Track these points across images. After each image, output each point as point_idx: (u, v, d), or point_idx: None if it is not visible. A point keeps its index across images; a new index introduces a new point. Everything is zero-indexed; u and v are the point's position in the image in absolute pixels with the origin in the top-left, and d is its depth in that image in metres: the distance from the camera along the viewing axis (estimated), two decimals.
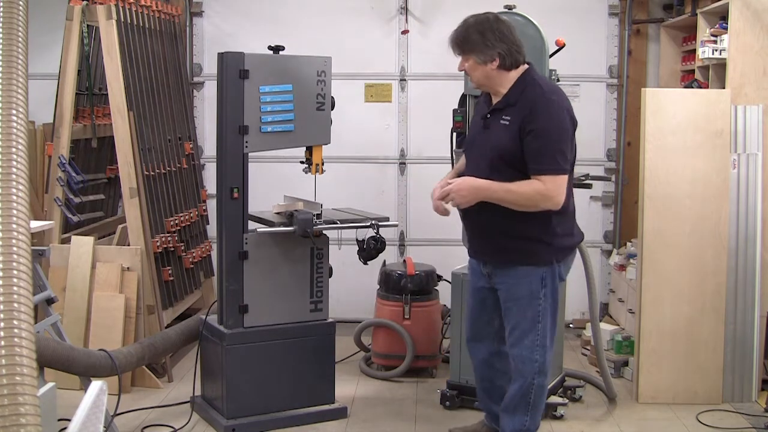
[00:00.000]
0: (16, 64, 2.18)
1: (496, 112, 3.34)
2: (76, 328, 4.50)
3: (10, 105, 2.12)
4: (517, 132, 3.21)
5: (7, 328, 1.81)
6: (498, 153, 3.27)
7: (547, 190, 3.17)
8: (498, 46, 3.26)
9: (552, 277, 3.35)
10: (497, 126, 3.31)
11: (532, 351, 3.37)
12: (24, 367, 1.78)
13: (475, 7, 4.72)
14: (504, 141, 3.25)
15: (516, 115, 3.23)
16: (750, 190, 4.51)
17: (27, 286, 1.92)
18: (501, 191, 3.21)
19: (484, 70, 3.30)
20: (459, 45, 3.33)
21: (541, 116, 3.19)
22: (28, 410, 1.73)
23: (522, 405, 3.42)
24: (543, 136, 3.17)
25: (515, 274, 3.35)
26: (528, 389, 3.39)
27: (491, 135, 3.34)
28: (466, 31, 3.30)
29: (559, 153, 3.19)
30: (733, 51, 4.57)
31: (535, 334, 3.36)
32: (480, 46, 3.27)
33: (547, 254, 3.33)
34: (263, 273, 4.11)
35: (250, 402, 4.09)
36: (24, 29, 2.25)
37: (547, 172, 3.18)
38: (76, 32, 4.75)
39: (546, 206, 3.21)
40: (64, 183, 4.76)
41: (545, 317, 3.36)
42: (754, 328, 4.52)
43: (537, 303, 3.35)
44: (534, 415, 3.43)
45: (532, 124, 3.17)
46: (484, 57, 3.27)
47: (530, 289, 3.34)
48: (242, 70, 3.96)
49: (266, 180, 5.33)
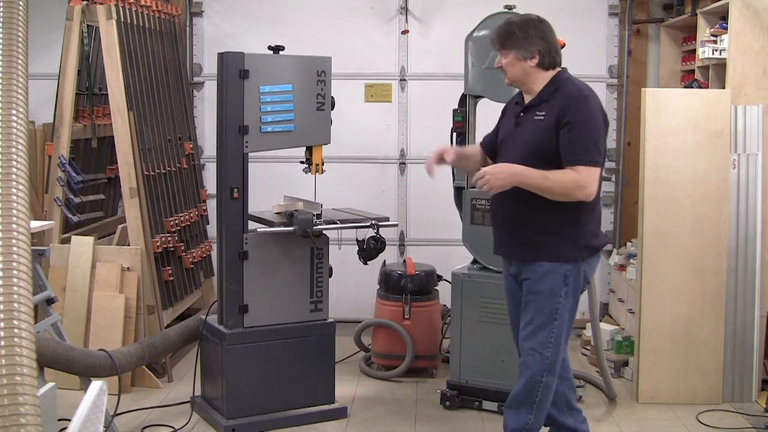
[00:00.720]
0: (16, 64, 2.19)
1: (530, 109, 3.35)
2: (76, 328, 4.51)
3: (10, 105, 2.12)
4: (553, 125, 3.23)
5: (7, 328, 1.81)
6: (531, 147, 3.28)
7: (582, 179, 3.18)
8: (539, 44, 3.31)
9: (576, 276, 3.32)
10: (531, 122, 3.33)
11: (544, 347, 3.32)
12: (24, 367, 1.78)
13: (475, 7, 4.76)
14: (538, 135, 3.28)
15: (551, 110, 3.27)
16: (750, 190, 4.51)
17: (27, 286, 1.92)
18: (537, 177, 3.20)
19: (522, 67, 3.32)
20: (501, 39, 3.34)
21: (577, 109, 3.23)
22: (28, 410, 1.73)
23: (527, 402, 3.37)
24: (578, 127, 3.21)
25: (540, 270, 3.31)
26: (535, 386, 3.34)
27: (524, 132, 3.35)
28: (509, 27, 3.34)
29: (593, 145, 3.22)
30: (733, 51, 4.57)
31: (549, 331, 3.32)
32: (522, 42, 3.31)
33: (574, 251, 3.31)
34: (263, 273, 4.11)
35: (250, 402, 4.09)
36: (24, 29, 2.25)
37: (582, 162, 3.19)
38: (76, 32, 4.75)
39: (579, 196, 3.21)
40: (64, 183, 4.76)
41: (563, 316, 3.32)
42: (754, 328, 4.52)
43: (557, 300, 3.31)
44: (538, 414, 3.39)
45: (567, 116, 3.21)
46: (525, 53, 3.31)
47: (552, 285, 3.30)
48: (242, 70, 3.96)
49: (266, 180, 5.33)
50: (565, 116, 3.20)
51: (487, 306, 4.31)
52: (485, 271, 4.35)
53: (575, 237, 3.30)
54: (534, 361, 3.34)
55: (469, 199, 4.37)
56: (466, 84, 4.35)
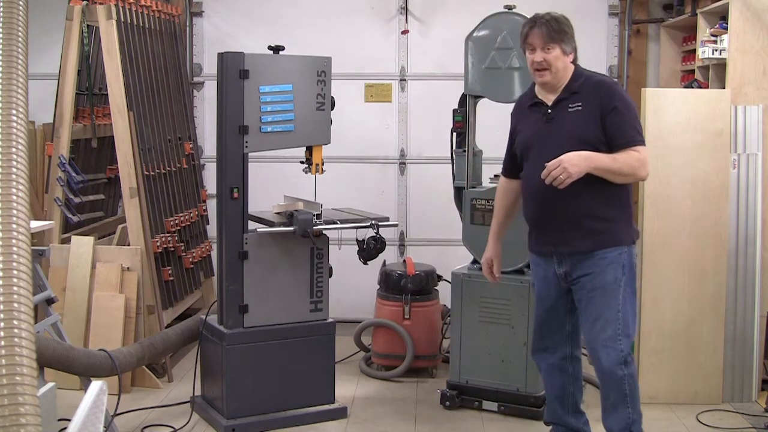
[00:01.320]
0: (16, 64, 2.18)
1: (560, 103, 3.37)
2: (76, 328, 4.51)
3: (10, 105, 2.11)
4: (597, 113, 3.28)
5: (7, 328, 1.81)
6: (577, 138, 3.28)
7: (644, 158, 3.28)
8: (573, 39, 3.40)
9: (630, 263, 3.36)
10: (566, 115, 3.34)
11: (616, 341, 3.30)
12: (24, 367, 1.78)
13: (475, 7, 4.75)
14: (581, 125, 3.30)
15: (587, 100, 3.31)
16: (750, 190, 4.51)
17: (27, 286, 1.92)
18: (608, 159, 3.24)
19: (565, 61, 3.36)
20: (553, 33, 3.33)
21: (618, 95, 3.33)
22: (28, 410, 1.73)
23: (620, 399, 3.34)
24: (625, 111, 3.29)
25: (600, 260, 3.31)
26: (620, 382, 3.32)
27: (561, 126, 3.35)
28: (558, 22, 3.36)
29: (639, 126, 3.34)
30: (733, 51, 4.57)
31: (617, 324, 3.30)
32: (570, 38, 3.38)
33: (627, 234, 3.37)
34: (263, 273, 4.11)
35: (250, 402, 4.09)
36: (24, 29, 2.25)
37: (638, 143, 3.28)
38: (76, 32, 4.75)
39: (643, 175, 3.32)
40: (64, 183, 4.76)
41: (625, 305, 3.33)
42: (754, 328, 4.52)
43: (618, 291, 3.32)
44: (634, 404, 3.37)
45: (611, 102, 3.28)
46: (569, 48, 3.37)
47: (615, 276, 3.32)
48: (242, 70, 3.96)
49: (266, 180, 5.33)
50: (610, 102, 3.27)
51: (487, 306, 4.31)
52: None
53: (627, 218, 3.39)
54: (608, 357, 3.31)
55: (469, 199, 4.37)
56: (466, 84, 4.35)
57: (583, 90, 3.33)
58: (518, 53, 4.17)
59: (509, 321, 4.26)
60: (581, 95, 3.33)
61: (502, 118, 5.30)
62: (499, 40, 4.21)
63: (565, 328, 3.54)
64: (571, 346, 3.56)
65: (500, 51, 4.22)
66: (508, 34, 4.18)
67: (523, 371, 4.25)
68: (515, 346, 4.26)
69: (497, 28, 4.22)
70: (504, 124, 5.49)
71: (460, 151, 4.46)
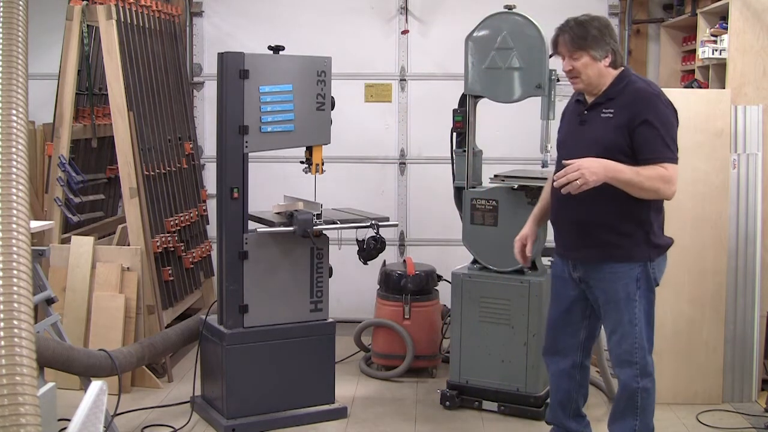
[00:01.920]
0: (16, 64, 2.18)
1: (596, 107, 3.27)
2: (76, 328, 4.51)
3: (10, 105, 2.11)
4: (626, 123, 3.16)
5: (7, 328, 1.81)
6: (601, 145, 3.19)
7: (670, 176, 3.13)
8: (611, 43, 3.25)
9: (646, 278, 3.27)
10: (598, 120, 3.25)
11: (632, 354, 3.27)
12: (24, 367, 1.78)
13: (475, 7, 4.75)
14: (609, 133, 3.19)
15: (620, 108, 3.19)
16: (750, 190, 4.51)
17: (27, 286, 1.91)
18: (630, 172, 3.11)
19: (598, 67, 3.23)
20: (577, 41, 3.22)
21: (653, 107, 3.16)
22: (28, 410, 1.73)
23: (629, 409, 3.31)
24: (658, 125, 3.13)
25: (611, 274, 3.26)
26: (633, 393, 3.29)
27: (591, 130, 3.27)
28: (584, 27, 3.23)
29: (672, 143, 3.17)
30: (733, 51, 4.57)
31: (633, 337, 3.27)
32: (600, 42, 3.22)
33: (643, 251, 3.26)
34: (263, 273, 4.11)
35: (250, 402, 4.09)
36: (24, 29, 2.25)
37: (667, 159, 3.14)
38: (76, 32, 4.75)
39: (667, 194, 3.18)
40: (64, 183, 4.76)
41: (641, 321, 3.27)
42: (754, 328, 4.52)
43: (633, 305, 3.25)
44: (644, 419, 3.32)
45: (643, 114, 3.14)
46: (602, 52, 3.22)
47: (627, 291, 3.25)
48: (242, 70, 3.96)
49: (266, 180, 5.33)
50: (641, 114, 3.13)
51: (487, 306, 4.31)
52: (485, 271, 4.35)
53: (645, 235, 3.26)
54: (624, 372, 3.30)
55: (469, 199, 4.37)
56: (466, 84, 4.35)
57: (620, 96, 3.21)
58: (518, 53, 4.17)
59: (509, 321, 4.26)
60: (617, 102, 3.21)
61: (502, 118, 5.35)
62: (499, 40, 4.21)
63: (579, 335, 3.48)
64: (582, 355, 3.51)
65: (500, 51, 4.21)
66: (508, 34, 4.18)
67: (523, 371, 4.25)
68: (515, 346, 4.25)
69: (497, 28, 4.22)
70: (504, 124, 5.55)
71: (460, 151, 4.46)
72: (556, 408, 3.60)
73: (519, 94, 4.26)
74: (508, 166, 4.81)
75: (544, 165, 4.25)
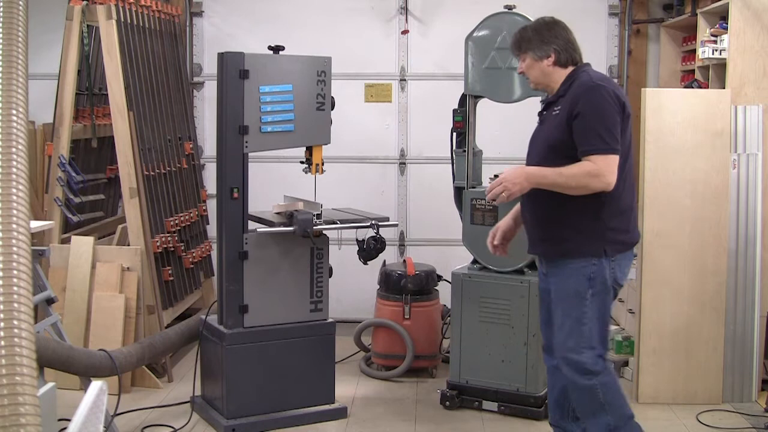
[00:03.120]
0: (16, 64, 2.18)
1: (549, 106, 3.38)
2: (76, 328, 4.51)
3: (10, 105, 2.11)
4: (566, 119, 3.22)
5: (7, 328, 1.81)
6: (549, 144, 3.28)
7: (597, 168, 3.14)
8: (553, 42, 3.34)
9: (601, 277, 3.25)
10: (550, 119, 3.35)
11: (577, 352, 3.27)
12: (24, 367, 1.78)
13: (475, 7, 4.75)
14: (553, 131, 3.28)
15: (565, 104, 3.26)
16: (750, 190, 4.51)
17: (27, 286, 1.91)
18: (552, 174, 3.18)
19: (540, 67, 3.35)
20: (518, 44, 3.40)
21: (586, 99, 3.21)
22: (28, 410, 1.73)
23: (597, 407, 3.30)
24: (588, 117, 3.18)
25: (564, 269, 3.28)
26: (591, 392, 3.28)
27: (544, 129, 3.39)
28: (522, 31, 3.40)
29: (606, 132, 3.17)
30: (733, 51, 4.57)
31: (579, 336, 3.27)
32: (536, 43, 3.35)
33: (597, 247, 3.25)
34: (263, 273, 4.11)
35: (250, 402, 4.09)
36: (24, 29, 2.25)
37: (595, 151, 3.15)
38: (76, 32, 4.75)
39: (597, 186, 3.16)
40: (64, 183, 4.76)
41: (591, 320, 3.26)
42: (754, 328, 4.52)
43: (583, 303, 3.26)
44: (614, 411, 3.31)
45: (577, 107, 3.19)
46: (540, 53, 3.34)
47: (577, 288, 3.26)
48: (242, 70, 3.96)
49: (266, 180, 5.33)
50: (575, 108, 3.19)
51: (487, 306, 4.31)
52: (485, 271, 4.35)
53: (598, 232, 3.25)
54: (568, 368, 3.29)
55: (469, 199, 4.37)
56: (466, 84, 4.35)
57: (567, 93, 3.29)
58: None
59: (509, 321, 4.26)
60: (565, 98, 3.28)
61: (502, 118, 5.35)
62: (499, 40, 4.21)
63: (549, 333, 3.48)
64: None
65: (500, 51, 4.22)
66: (508, 34, 4.17)
67: (523, 371, 4.25)
68: (515, 346, 4.25)
69: (497, 28, 4.22)
70: (504, 124, 5.55)
71: (460, 151, 4.46)
72: (554, 408, 3.59)
73: (519, 94, 4.27)
74: (508, 166, 4.79)
75: None
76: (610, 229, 3.27)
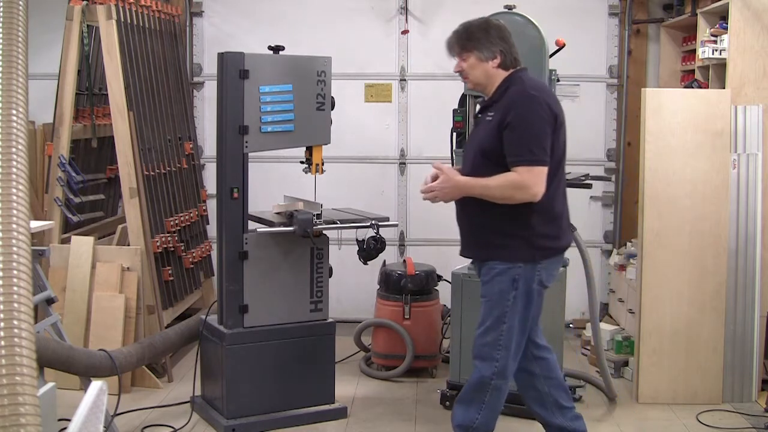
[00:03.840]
0: (16, 64, 2.18)
1: (484, 110, 3.38)
2: (76, 328, 4.50)
3: (10, 105, 2.11)
4: (497, 127, 3.22)
5: (7, 328, 1.81)
6: (479, 149, 3.31)
7: (522, 180, 3.15)
8: (499, 44, 3.33)
9: (526, 280, 3.27)
10: (483, 124, 3.36)
11: (493, 350, 3.31)
12: (24, 367, 1.78)
13: (475, 8, 4.74)
14: (485, 137, 3.29)
15: (498, 111, 3.26)
16: (750, 190, 4.51)
17: (27, 286, 1.91)
18: (478, 186, 3.25)
19: (485, 68, 3.32)
20: (462, 42, 3.35)
21: (517, 109, 3.20)
22: (28, 410, 1.73)
23: (477, 401, 3.36)
24: (517, 127, 3.17)
25: (492, 271, 3.32)
26: (484, 386, 3.34)
27: (477, 133, 3.41)
28: (469, 29, 3.36)
29: (535, 144, 3.17)
30: (733, 51, 4.57)
31: (498, 334, 3.30)
32: (484, 43, 3.32)
33: (523, 251, 3.27)
34: (263, 273, 4.11)
35: (250, 402, 4.09)
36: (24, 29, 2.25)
37: (521, 163, 3.16)
38: (76, 32, 4.75)
39: (523, 198, 3.17)
40: (64, 183, 4.76)
41: (512, 320, 3.29)
42: (754, 328, 4.52)
43: (505, 303, 3.29)
44: (486, 415, 3.36)
45: (508, 117, 3.19)
46: (487, 53, 3.31)
47: (500, 288, 3.29)
48: (242, 70, 3.96)
49: (266, 180, 5.33)
50: (507, 117, 3.20)
51: None
52: None
53: (527, 238, 3.27)
54: (483, 364, 3.34)
55: None
56: (466, 84, 4.34)
57: (501, 99, 3.28)
58: (518, 53, 4.16)
59: None
60: (499, 104, 3.28)
61: None
62: None
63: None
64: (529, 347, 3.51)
65: None
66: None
67: None
68: None
69: None
70: None
71: (460, 151, 4.45)
72: (535, 407, 3.62)
73: None
74: None
75: None
76: (541, 235, 3.29)
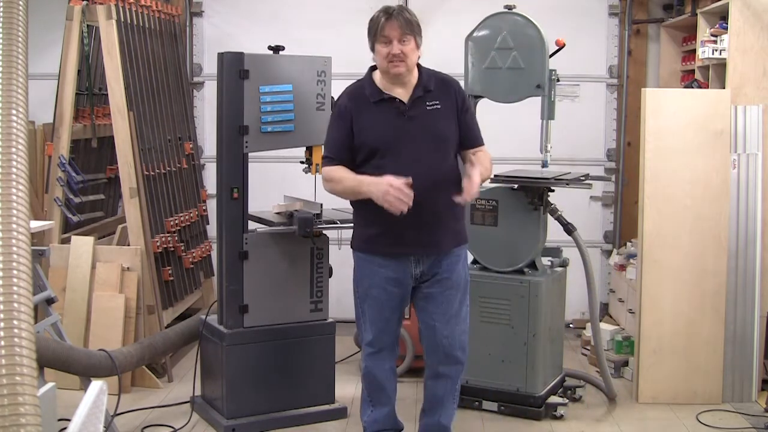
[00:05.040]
0: (16, 64, 2.18)
1: (419, 101, 3.37)
2: (76, 328, 4.50)
3: (10, 105, 2.11)
4: (455, 113, 3.38)
5: (7, 328, 1.81)
6: (440, 137, 3.37)
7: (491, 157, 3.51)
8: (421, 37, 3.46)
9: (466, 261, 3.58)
10: (426, 113, 3.35)
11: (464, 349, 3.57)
12: (24, 367, 1.78)
13: (475, 7, 4.75)
14: (443, 124, 3.37)
15: (444, 99, 3.38)
16: (750, 190, 4.51)
17: (27, 286, 1.91)
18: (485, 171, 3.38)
19: (417, 55, 3.41)
20: (410, 24, 3.36)
21: (462, 93, 3.47)
22: (28, 410, 1.73)
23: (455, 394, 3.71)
24: (470, 109, 3.52)
25: (456, 258, 3.46)
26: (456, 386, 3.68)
27: (423, 124, 3.33)
28: (412, 15, 3.44)
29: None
30: (733, 51, 4.57)
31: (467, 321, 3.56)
32: (420, 32, 3.43)
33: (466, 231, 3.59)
34: (263, 273, 4.11)
35: (250, 402, 4.09)
36: (24, 29, 2.25)
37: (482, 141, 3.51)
38: (76, 32, 4.75)
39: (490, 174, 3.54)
40: (64, 183, 4.76)
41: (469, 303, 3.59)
42: (754, 328, 4.52)
43: (468, 289, 3.55)
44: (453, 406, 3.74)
45: (464, 103, 3.43)
46: (420, 42, 3.42)
47: (465, 274, 3.51)
48: (242, 70, 3.96)
49: (266, 180, 5.32)
50: (463, 103, 3.41)
51: (487, 306, 4.31)
52: (485, 271, 4.35)
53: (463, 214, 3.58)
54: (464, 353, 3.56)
55: None
56: (466, 84, 4.35)
57: (436, 88, 3.39)
58: (518, 53, 4.17)
59: (509, 321, 4.26)
60: (436, 93, 3.38)
61: (502, 118, 5.34)
62: (499, 40, 4.21)
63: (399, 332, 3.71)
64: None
65: (500, 51, 4.22)
66: (508, 34, 4.19)
67: (523, 371, 4.25)
68: (515, 346, 4.25)
69: (497, 28, 4.22)
70: (504, 124, 5.55)
71: None
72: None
73: (519, 94, 4.26)
74: (508, 166, 4.81)
75: (544, 165, 4.26)
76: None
